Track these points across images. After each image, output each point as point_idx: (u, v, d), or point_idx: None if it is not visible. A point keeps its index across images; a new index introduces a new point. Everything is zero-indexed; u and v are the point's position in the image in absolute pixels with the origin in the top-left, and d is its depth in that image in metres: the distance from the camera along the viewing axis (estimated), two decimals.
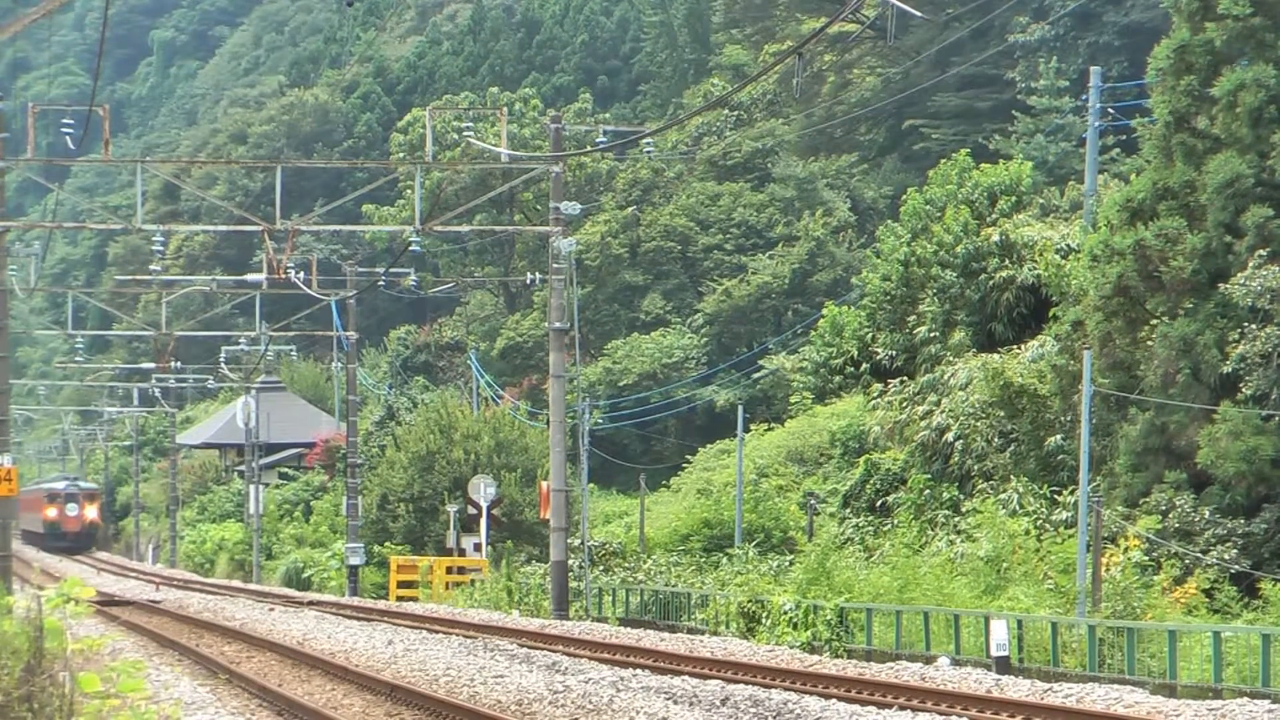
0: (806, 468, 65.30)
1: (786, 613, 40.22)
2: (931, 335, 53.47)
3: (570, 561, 51.98)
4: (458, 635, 41.18)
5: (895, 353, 55.41)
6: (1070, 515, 40.77)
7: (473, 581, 60.35)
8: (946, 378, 50.59)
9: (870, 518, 50.53)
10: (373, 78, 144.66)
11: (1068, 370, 43.44)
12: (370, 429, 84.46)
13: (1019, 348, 49.06)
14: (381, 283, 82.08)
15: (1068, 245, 49.32)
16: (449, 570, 63.01)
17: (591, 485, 69.81)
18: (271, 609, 53.02)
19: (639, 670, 31.38)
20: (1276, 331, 38.23)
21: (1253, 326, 38.59)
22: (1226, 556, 37.33)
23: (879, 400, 54.10)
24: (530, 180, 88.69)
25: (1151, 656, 31.91)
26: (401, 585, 63.49)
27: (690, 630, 45.66)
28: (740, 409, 61.05)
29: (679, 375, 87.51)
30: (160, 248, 58.90)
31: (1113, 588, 35.40)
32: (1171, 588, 36.74)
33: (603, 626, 45.93)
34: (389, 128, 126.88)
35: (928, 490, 47.65)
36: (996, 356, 48.68)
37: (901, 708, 25.78)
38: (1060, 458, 44.59)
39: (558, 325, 50.80)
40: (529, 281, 62.00)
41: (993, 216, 54.10)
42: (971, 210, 54.12)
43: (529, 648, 37.47)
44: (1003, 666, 32.45)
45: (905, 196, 58.96)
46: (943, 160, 60.49)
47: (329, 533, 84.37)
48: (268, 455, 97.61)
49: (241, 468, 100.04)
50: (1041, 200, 56.68)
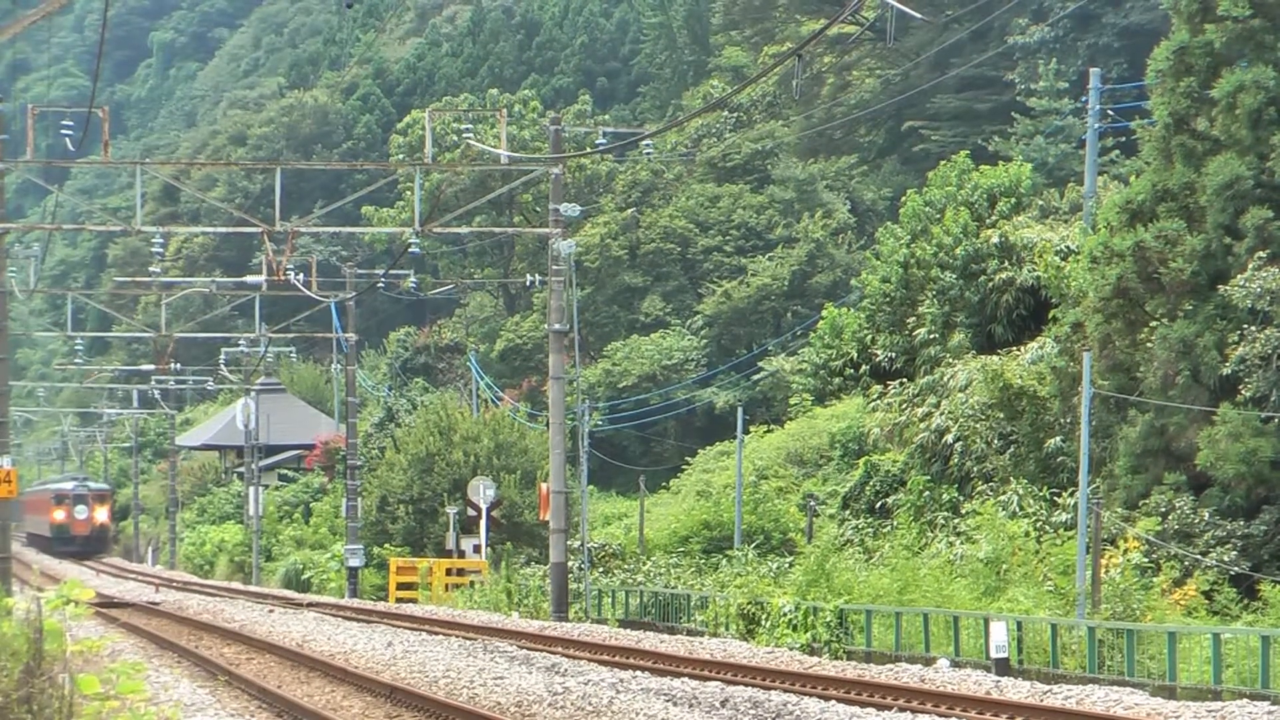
0: (806, 469, 65.28)
1: (786, 614, 40.21)
2: (931, 337, 53.46)
3: (570, 563, 51.97)
4: (457, 637, 41.18)
5: (895, 354, 55.40)
6: (1070, 517, 40.76)
7: (472, 583, 60.35)
8: (946, 379, 50.59)
9: (870, 519, 50.52)
10: (372, 79, 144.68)
11: (1067, 372, 43.44)
12: (370, 431, 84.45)
13: (1018, 349, 49.06)
14: (381, 284, 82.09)
15: (1067, 247, 49.31)
16: (448, 572, 63.00)
17: (591, 487, 69.80)
18: (271, 610, 53.01)
19: (638, 672, 31.38)
20: (1276, 333, 38.23)
21: (1252, 328, 38.60)
22: (1226, 558, 37.33)
23: (878, 402, 54.10)
24: (530, 182, 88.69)
25: (1151, 658, 31.90)
26: (401, 587, 63.48)
27: (690, 632, 45.66)
28: (740, 411, 61.03)
29: (678, 377, 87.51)
30: (160, 249, 58.91)
31: (1112, 589, 35.39)
32: (1171, 589, 36.73)
33: (602, 628, 45.94)
34: (388, 129, 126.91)
35: (927, 492, 47.64)
36: (996, 358, 48.67)
37: (901, 709, 25.79)
38: (1060, 459, 44.59)
39: (557, 327, 50.79)
40: (528, 283, 62.04)
41: (992, 218, 54.10)
42: (971, 212, 54.12)
43: (528, 649, 37.47)
44: (1002, 668, 32.45)
45: (905, 198, 58.96)
46: (942, 162, 60.48)
47: (328, 534, 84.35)
48: (267, 457, 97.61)
49: (241, 469, 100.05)
50: (1041, 202, 56.67)
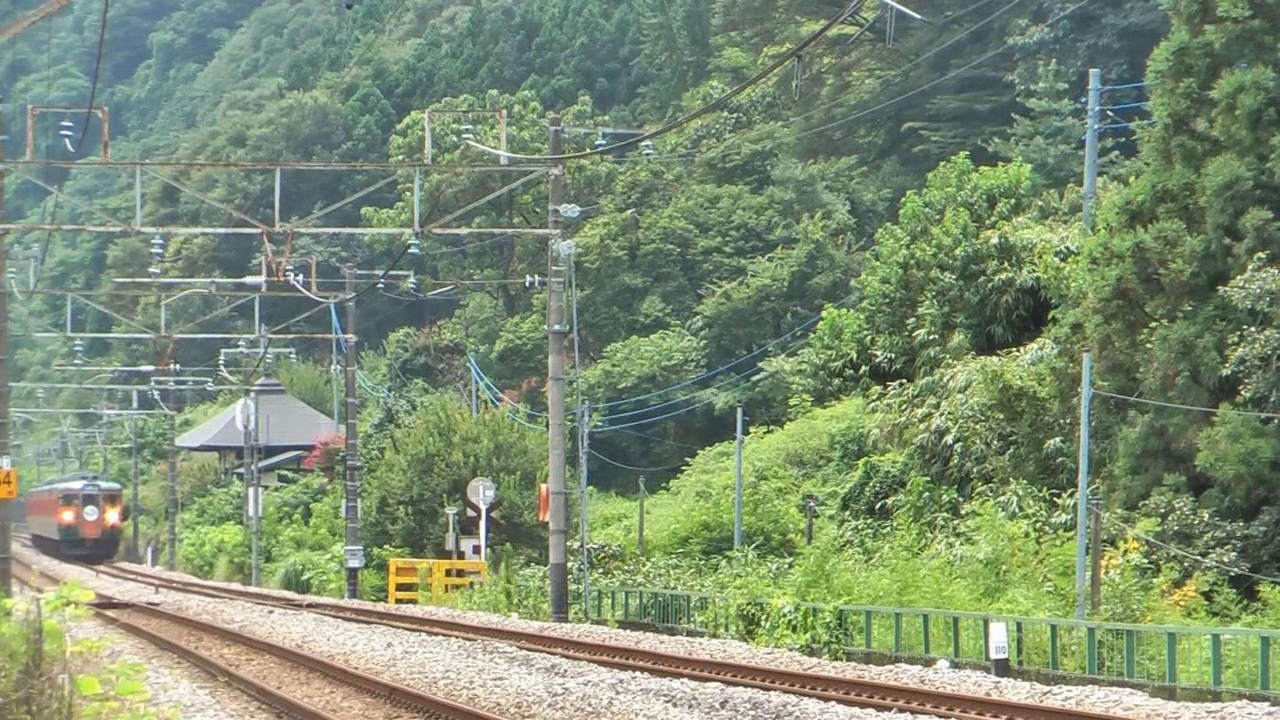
0: (806, 470, 65.27)
1: (786, 615, 40.21)
2: (930, 338, 53.46)
3: (569, 564, 51.96)
4: (457, 638, 41.18)
5: (894, 355, 55.40)
6: (1069, 518, 40.76)
7: (472, 584, 60.35)
8: (945, 380, 50.59)
9: (869, 520, 50.52)
10: (372, 80, 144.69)
11: (1067, 373, 43.44)
12: (369, 431, 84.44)
13: (1018, 350, 49.06)
14: (380, 285, 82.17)
15: (1067, 248, 49.32)
16: (448, 573, 63.00)
17: (591, 488, 69.79)
18: (271, 611, 52.99)
19: (638, 673, 31.37)
20: (1276, 334, 38.23)
21: (1252, 329, 38.60)
22: (1226, 559, 37.33)
23: (878, 403, 54.10)
24: (529, 182, 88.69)
25: (1151, 659, 31.89)
26: (400, 588, 63.48)
27: (689, 633, 45.65)
28: (739, 411, 61.02)
29: (678, 378, 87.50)
30: (159, 250, 58.94)
31: (1112, 590, 35.38)
32: (1171, 590, 36.73)
33: (602, 629, 45.93)
34: (388, 130, 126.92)
35: (927, 493, 47.64)
36: (996, 359, 48.67)
37: (901, 710, 25.78)
38: (1059, 460, 44.59)
39: (557, 328, 50.79)
40: (528, 284, 61.97)
41: (992, 219, 54.10)
42: (971, 213, 54.12)
43: (528, 650, 37.46)
44: (1002, 669, 32.44)
45: (904, 199, 58.95)
46: (942, 163, 60.48)
47: (328, 535, 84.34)
48: (267, 458, 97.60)
49: (241, 470, 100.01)
50: (1041, 203, 56.67)
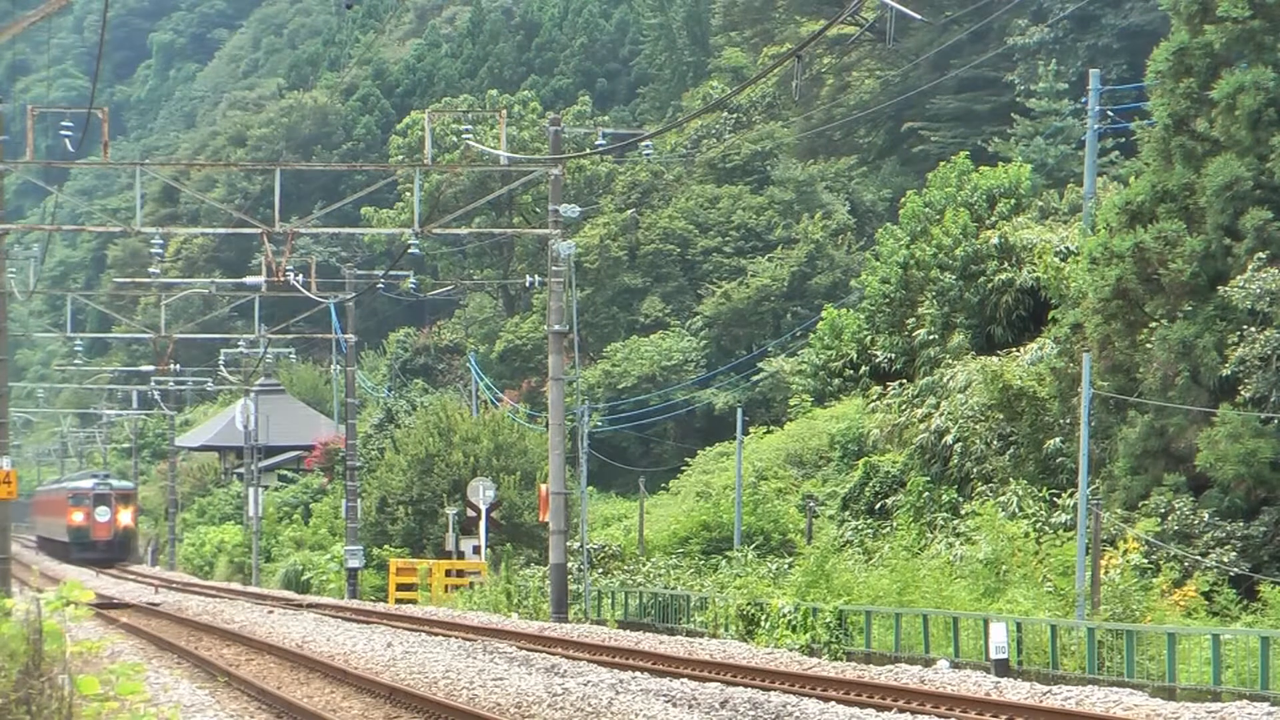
0: (805, 470, 65.25)
1: (785, 615, 40.21)
2: (930, 338, 53.46)
3: (569, 564, 51.96)
4: (457, 638, 41.17)
5: (894, 355, 55.40)
6: (1069, 518, 40.76)
7: (472, 584, 60.35)
8: (945, 380, 50.58)
9: (869, 520, 50.52)
10: (371, 80, 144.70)
11: (1067, 373, 43.44)
12: (369, 432, 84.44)
13: (1018, 350, 49.07)
14: (380, 285, 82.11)
15: (1067, 248, 49.33)
16: (448, 573, 63.00)
17: (590, 488, 69.76)
18: (270, 611, 52.99)
19: (638, 673, 31.37)
20: (1276, 334, 38.23)
21: (1252, 329, 38.60)
22: (1225, 559, 37.32)
23: (878, 403, 54.10)
24: (529, 183, 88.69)
25: (1150, 659, 31.89)
26: (400, 588, 63.48)
27: (689, 633, 45.65)
28: (739, 412, 61.01)
29: (678, 378, 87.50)
30: (159, 250, 58.93)
31: (1112, 590, 35.39)
32: (1170, 590, 36.73)
33: (602, 629, 45.93)
34: (388, 130, 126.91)
35: (927, 493, 47.64)
36: (995, 359, 48.67)
37: (900, 710, 25.78)
38: (1059, 460, 44.59)
39: (557, 328, 50.78)
40: (528, 284, 62.03)
41: (992, 219, 54.10)
42: (970, 213, 54.13)
43: (528, 650, 37.46)
44: (1002, 669, 32.44)
45: (904, 199, 58.96)
46: (942, 163, 60.48)
47: (328, 535, 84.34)
48: (267, 458, 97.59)
49: (240, 470, 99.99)
50: (1040, 203, 56.68)
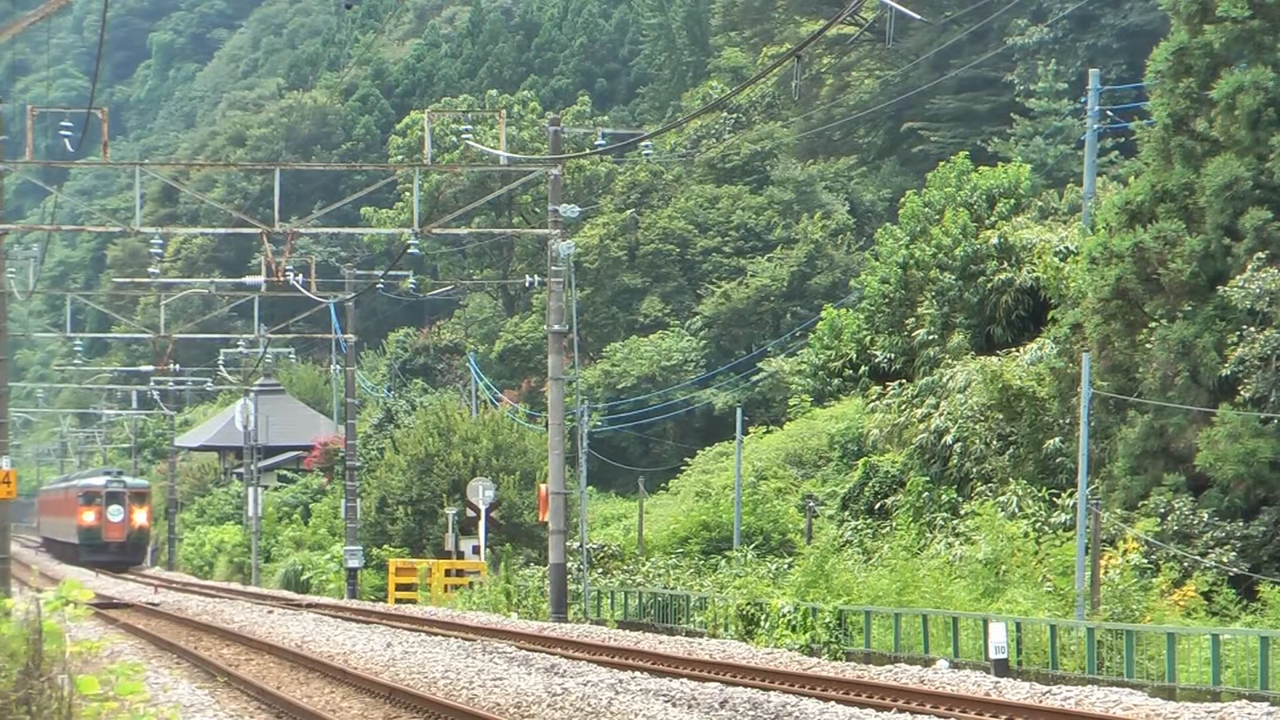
0: (805, 470, 65.25)
1: (785, 615, 40.21)
2: (930, 338, 53.46)
3: (569, 564, 51.97)
4: (456, 638, 41.18)
5: (894, 355, 55.40)
6: (1069, 518, 40.76)
7: (471, 584, 60.35)
8: (945, 380, 50.58)
9: (869, 520, 50.52)
10: (371, 80, 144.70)
11: (1066, 373, 43.44)
12: (369, 432, 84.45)
13: (1018, 350, 49.06)
14: (380, 285, 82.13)
15: (1066, 248, 49.32)
16: (447, 573, 63.00)
17: (590, 488, 69.77)
18: (270, 611, 53.00)
19: (637, 673, 31.38)
20: (1275, 334, 38.23)
21: (1251, 329, 38.59)
22: (1225, 559, 37.32)
23: (877, 403, 54.08)
24: (529, 183, 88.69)
25: (1150, 659, 31.90)
26: (400, 588, 63.48)
27: (689, 633, 45.66)
28: (739, 412, 61.01)
29: (677, 378, 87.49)
30: (159, 250, 58.93)
31: (1111, 590, 35.39)
32: (1170, 590, 36.73)
33: (601, 629, 45.93)
34: (387, 130, 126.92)
35: (926, 493, 47.63)
36: (995, 359, 48.67)
37: (900, 710, 25.79)
38: (1059, 460, 44.59)
39: (556, 328, 50.79)
40: (528, 284, 62.03)
41: (991, 219, 54.10)
42: (970, 213, 54.12)
43: (528, 650, 37.46)
44: (1001, 669, 32.45)
45: (904, 199, 58.95)
46: (941, 163, 60.47)
47: (328, 535, 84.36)
48: (266, 458, 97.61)
49: (240, 470, 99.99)
50: (1040, 203, 56.66)
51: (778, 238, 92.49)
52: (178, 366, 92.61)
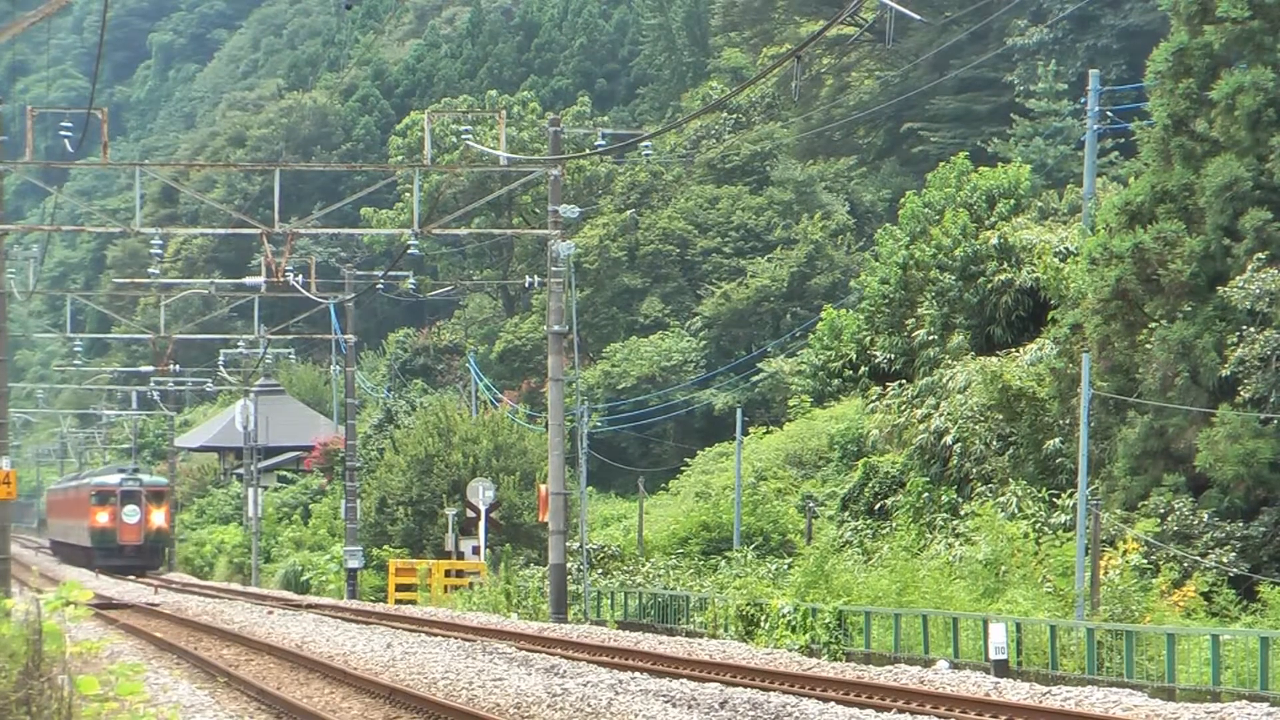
0: (805, 471, 65.26)
1: (785, 616, 40.21)
2: (930, 338, 53.45)
3: (569, 564, 51.96)
4: (456, 638, 41.18)
5: (893, 356, 55.39)
6: (1069, 518, 40.76)
7: (471, 585, 60.34)
8: (945, 381, 50.58)
9: (869, 521, 50.52)
10: (371, 81, 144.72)
11: (1066, 373, 43.44)
12: (369, 432, 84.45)
13: (1017, 351, 49.06)
14: (380, 286, 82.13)
15: (1066, 248, 49.32)
16: (447, 573, 63.00)
17: (590, 488, 69.78)
18: (270, 612, 53.00)
19: (637, 673, 31.38)
20: (1275, 335, 38.23)
21: (1251, 330, 38.59)
22: (1225, 560, 37.33)
23: (877, 403, 54.09)
24: (529, 183, 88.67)
25: (1150, 659, 31.90)
26: (400, 588, 63.48)
27: (689, 633, 45.66)
28: (739, 412, 61.02)
29: (677, 378, 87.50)
30: (159, 251, 58.92)
31: (1111, 591, 35.39)
32: (1170, 591, 36.73)
33: (601, 630, 45.93)
34: (387, 131, 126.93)
35: (926, 493, 47.63)
36: (995, 359, 48.67)
37: (900, 711, 25.79)
38: (1059, 461, 44.59)
39: (556, 328, 50.79)
40: (527, 284, 61.96)
41: (991, 220, 54.09)
42: (970, 213, 54.12)
43: (527, 651, 37.46)
44: (1001, 669, 32.45)
45: (904, 200, 58.95)
46: (941, 163, 60.46)
47: (327, 536, 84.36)
48: (266, 458, 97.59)
49: (240, 471, 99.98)
50: (1040, 203, 56.67)
51: (778, 238, 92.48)
52: (178, 367, 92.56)
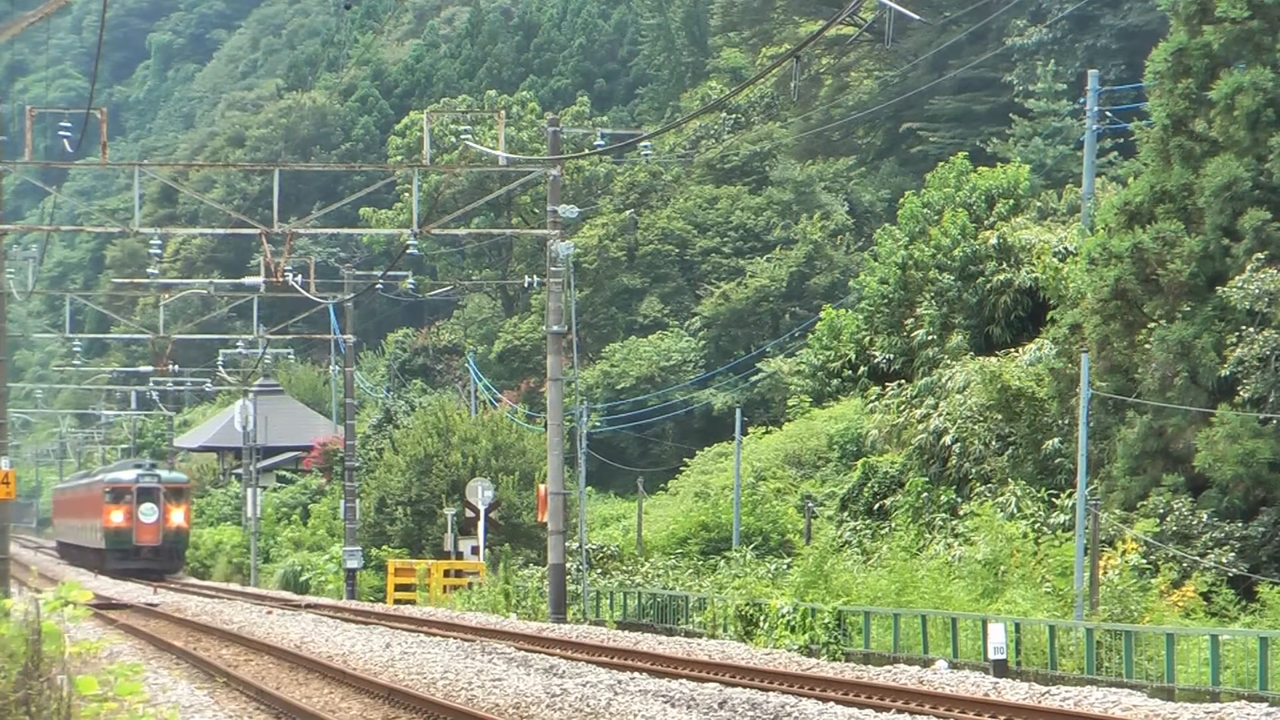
0: (804, 471, 65.26)
1: (784, 616, 40.21)
2: (929, 338, 53.46)
3: (568, 565, 51.96)
4: (455, 638, 41.17)
5: (893, 356, 55.39)
6: (1068, 518, 40.76)
7: (470, 585, 60.34)
8: (944, 381, 50.58)
9: (868, 521, 50.53)
10: (370, 81, 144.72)
11: (1065, 373, 43.45)
12: (368, 432, 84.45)
13: (1017, 351, 49.06)
14: (379, 286, 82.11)
15: (1065, 248, 49.32)
16: (446, 573, 63.00)
17: (589, 488, 69.77)
18: (269, 612, 53.00)
19: (636, 673, 31.38)
20: (1274, 335, 38.23)
21: (1250, 330, 38.60)
22: (1224, 560, 37.33)
23: (876, 403, 54.09)
24: (528, 183, 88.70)
25: (1149, 659, 31.89)
26: (399, 588, 63.47)
27: (688, 633, 45.65)
28: (738, 412, 61.02)
29: (677, 378, 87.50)
30: (158, 251, 58.90)
31: (1110, 591, 35.39)
32: (1169, 591, 36.74)
33: (600, 630, 45.92)
34: (386, 130, 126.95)
35: (925, 493, 47.64)
36: (994, 360, 48.66)
37: (899, 711, 25.80)
38: (1058, 461, 44.59)
39: (555, 329, 50.78)
40: (527, 284, 62.01)
41: (990, 220, 54.09)
42: (969, 213, 54.12)
43: (527, 651, 37.46)
44: (1000, 669, 32.45)
45: (903, 200, 58.95)
46: (940, 163, 60.45)
47: (327, 536, 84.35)
48: (265, 458, 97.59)
49: (239, 471, 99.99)
50: (1039, 203, 56.67)
51: (777, 238, 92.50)
52: (177, 367, 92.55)
